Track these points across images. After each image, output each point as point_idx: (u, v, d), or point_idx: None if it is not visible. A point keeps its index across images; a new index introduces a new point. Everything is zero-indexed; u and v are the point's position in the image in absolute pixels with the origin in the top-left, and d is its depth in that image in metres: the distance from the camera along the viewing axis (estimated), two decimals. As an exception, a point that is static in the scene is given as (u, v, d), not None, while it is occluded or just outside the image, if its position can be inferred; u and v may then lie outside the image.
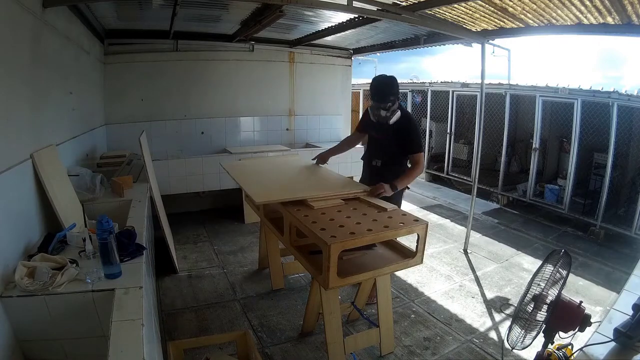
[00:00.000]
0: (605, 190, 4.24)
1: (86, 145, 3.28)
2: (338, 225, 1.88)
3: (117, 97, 4.28)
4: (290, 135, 5.46)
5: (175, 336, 2.42)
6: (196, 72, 4.68)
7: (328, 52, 5.49)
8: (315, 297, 2.29)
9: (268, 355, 2.29)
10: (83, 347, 1.48)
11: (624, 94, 4.10)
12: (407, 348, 2.39)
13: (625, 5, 2.41)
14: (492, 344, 2.44)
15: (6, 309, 1.34)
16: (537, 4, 2.70)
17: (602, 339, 1.29)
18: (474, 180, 3.99)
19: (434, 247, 3.96)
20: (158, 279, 3.12)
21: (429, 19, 3.20)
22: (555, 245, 4.05)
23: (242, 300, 2.89)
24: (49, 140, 2.12)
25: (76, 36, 2.91)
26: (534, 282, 1.49)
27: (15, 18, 1.73)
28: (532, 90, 5.10)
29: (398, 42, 4.80)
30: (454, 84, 6.22)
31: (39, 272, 1.40)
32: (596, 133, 4.41)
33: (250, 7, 3.35)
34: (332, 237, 1.72)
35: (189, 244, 3.93)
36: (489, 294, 3.07)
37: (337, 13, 3.51)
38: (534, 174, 5.10)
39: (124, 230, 1.81)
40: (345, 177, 2.87)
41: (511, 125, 5.55)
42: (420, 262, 2.06)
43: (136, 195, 2.58)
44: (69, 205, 2.06)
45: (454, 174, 6.42)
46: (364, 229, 1.84)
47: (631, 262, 2.32)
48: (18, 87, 1.74)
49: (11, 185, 1.58)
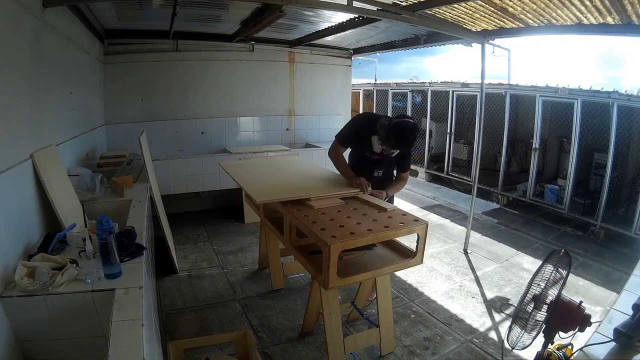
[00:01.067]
0: (605, 190, 4.24)
1: (86, 145, 3.28)
2: (338, 225, 1.88)
3: (117, 97, 4.28)
4: (290, 135, 5.46)
5: (175, 336, 2.42)
6: (196, 72, 4.68)
7: (328, 52, 5.49)
8: (315, 297, 2.29)
9: (268, 355, 2.29)
10: (83, 347, 1.48)
11: (624, 94, 4.10)
12: (407, 348, 2.39)
13: (625, 5, 2.41)
14: (492, 344, 2.44)
15: (6, 309, 1.34)
16: (537, 4, 2.70)
17: (602, 339, 1.29)
18: (474, 180, 3.99)
19: (434, 247, 3.96)
20: (158, 279, 3.12)
21: (429, 19, 3.20)
22: (555, 245, 4.05)
23: (242, 300, 2.89)
24: (49, 140, 2.12)
25: (76, 36, 2.91)
26: (534, 282, 1.49)
27: (15, 18, 1.73)
28: (532, 90, 5.10)
29: (398, 42, 4.80)
30: (454, 84, 6.22)
31: (39, 272, 1.40)
32: (596, 133, 4.41)
33: (250, 7, 3.35)
34: (332, 237, 1.72)
35: (189, 244, 3.93)
36: (489, 294, 3.07)
37: (337, 13, 3.51)
38: (534, 174, 5.10)
39: (124, 230, 1.81)
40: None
41: (511, 125, 5.55)
42: (420, 262, 2.06)
43: (136, 195, 2.58)
44: (69, 205, 2.06)
45: (454, 174, 6.42)
46: (364, 229, 1.84)
47: (631, 262, 2.32)
48: (18, 87, 1.74)
49: (11, 185, 1.58)
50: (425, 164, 7.00)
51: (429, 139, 6.89)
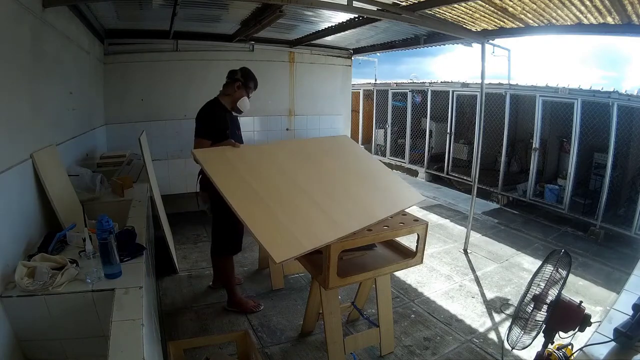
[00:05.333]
0: (605, 190, 4.24)
1: (86, 145, 3.28)
2: (338, 225, 1.84)
3: (117, 97, 4.28)
4: (290, 135, 5.46)
5: (175, 336, 2.42)
6: (196, 72, 4.67)
7: (328, 52, 5.49)
8: (315, 297, 2.29)
9: (268, 355, 2.29)
10: (83, 347, 1.48)
11: (624, 94, 4.10)
12: (407, 348, 2.39)
13: (625, 5, 2.41)
14: (492, 344, 2.44)
15: (6, 309, 1.34)
16: (537, 4, 2.70)
17: (602, 339, 1.29)
18: (474, 180, 3.99)
19: (434, 247, 3.96)
20: (158, 279, 3.12)
21: (429, 19, 3.20)
22: (555, 245, 4.05)
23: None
24: (49, 140, 2.12)
25: (76, 36, 2.91)
26: (534, 282, 1.49)
27: (15, 18, 1.73)
28: (532, 90, 5.10)
29: (398, 42, 4.80)
30: (454, 84, 6.22)
31: (39, 272, 1.40)
32: (596, 133, 4.41)
33: (250, 7, 3.35)
34: (332, 237, 1.71)
35: (189, 244, 3.93)
36: (489, 294, 3.07)
37: (337, 13, 3.51)
38: (534, 174, 5.10)
39: (124, 230, 1.81)
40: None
41: (511, 125, 5.55)
42: (420, 262, 2.07)
43: (136, 195, 2.58)
44: (69, 205, 2.06)
45: (454, 174, 6.42)
46: (364, 229, 1.84)
47: (631, 262, 2.32)
48: (18, 87, 1.74)
49: (11, 185, 1.58)
50: (425, 163, 7.00)
51: (429, 139, 6.89)
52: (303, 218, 1.73)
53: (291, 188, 1.91)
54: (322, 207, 1.83)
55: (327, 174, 2.19)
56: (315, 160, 2.27)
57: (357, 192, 2.11)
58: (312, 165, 2.20)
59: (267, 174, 1.95)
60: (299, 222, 1.69)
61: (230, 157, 1.96)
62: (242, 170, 1.89)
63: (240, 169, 1.89)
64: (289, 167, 2.06)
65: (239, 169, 1.89)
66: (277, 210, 1.70)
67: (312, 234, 1.64)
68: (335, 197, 1.98)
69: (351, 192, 2.09)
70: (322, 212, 1.80)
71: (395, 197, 2.24)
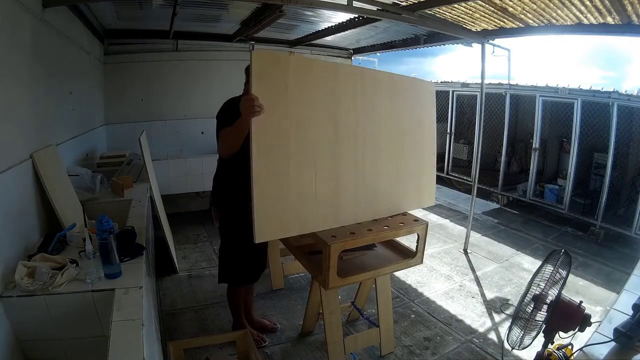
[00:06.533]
0: (605, 190, 4.24)
1: (86, 145, 3.28)
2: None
3: (117, 97, 4.28)
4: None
5: (175, 336, 2.42)
6: (196, 72, 4.68)
7: (328, 52, 5.48)
8: (315, 297, 2.29)
9: (268, 355, 2.29)
10: (83, 347, 1.48)
11: (624, 94, 4.10)
12: (407, 348, 2.39)
13: (625, 5, 2.41)
14: (492, 344, 2.44)
15: (6, 309, 1.34)
16: (537, 4, 2.70)
17: (602, 339, 1.29)
18: (474, 180, 3.99)
19: (434, 247, 3.96)
20: (158, 279, 3.11)
21: (429, 19, 3.20)
22: (555, 245, 4.05)
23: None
24: (49, 140, 2.12)
25: (76, 36, 2.91)
26: (534, 282, 1.49)
27: (15, 18, 1.73)
28: (532, 90, 5.10)
29: (398, 42, 4.80)
30: (454, 84, 6.22)
31: (39, 272, 1.40)
32: (596, 133, 4.41)
33: (250, 7, 3.35)
34: (332, 237, 1.72)
35: (189, 244, 3.93)
36: (489, 294, 3.07)
37: (337, 13, 3.51)
38: (534, 174, 5.10)
39: (124, 230, 1.82)
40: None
41: (511, 125, 5.55)
42: (420, 262, 2.07)
43: (136, 195, 2.58)
44: (69, 205, 2.06)
45: (454, 174, 6.42)
46: (364, 229, 1.84)
47: (631, 262, 2.32)
48: (18, 87, 1.74)
49: (11, 185, 1.58)
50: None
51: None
52: (319, 200, 1.72)
53: (328, 159, 1.72)
54: (348, 188, 1.81)
55: (380, 139, 1.91)
56: (379, 115, 1.89)
57: (389, 173, 1.96)
58: (374, 127, 1.87)
59: (314, 128, 1.68)
60: (310, 205, 1.71)
61: (291, 78, 1.62)
62: (293, 110, 1.62)
63: (290, 104, 1.61)
64: (344, 122, 1.77)
65: (289, 105, 1.61)
66: (293, 190, 1.63)
67: (318, 217, 1.74)
68: (367, 179, 1.87)
69: (383, 173, 1.94)
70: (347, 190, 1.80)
71: (413, 193, 2.11)
